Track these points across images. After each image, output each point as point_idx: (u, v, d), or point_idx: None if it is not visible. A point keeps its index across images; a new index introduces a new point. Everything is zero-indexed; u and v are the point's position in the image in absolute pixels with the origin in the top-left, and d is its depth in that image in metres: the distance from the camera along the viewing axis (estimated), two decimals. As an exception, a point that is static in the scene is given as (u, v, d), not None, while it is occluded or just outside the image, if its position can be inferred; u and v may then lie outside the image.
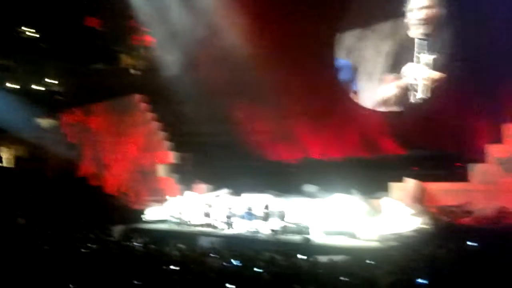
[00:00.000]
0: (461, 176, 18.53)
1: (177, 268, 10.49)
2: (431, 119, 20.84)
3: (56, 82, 36.46)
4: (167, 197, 24.09)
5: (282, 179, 24.35)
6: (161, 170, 28.13)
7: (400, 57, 23.57)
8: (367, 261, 10.60)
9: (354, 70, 25.04)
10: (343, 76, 25.46)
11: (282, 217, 18.50)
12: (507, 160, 17.19)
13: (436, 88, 22.04)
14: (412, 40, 23.05)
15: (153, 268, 10.36)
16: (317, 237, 17.09)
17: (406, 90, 23.12)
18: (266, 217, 18.90)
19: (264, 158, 26.87)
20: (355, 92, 24.81)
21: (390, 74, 23.74)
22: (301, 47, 25.32)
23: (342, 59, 25.36)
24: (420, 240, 14.59)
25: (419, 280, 6.09)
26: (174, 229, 22.15)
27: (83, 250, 13.52)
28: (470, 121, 19.54)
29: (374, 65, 24.47)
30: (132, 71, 33.50)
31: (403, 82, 23.20)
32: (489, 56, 19.07)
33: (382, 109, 23.95)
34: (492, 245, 11.07)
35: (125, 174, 30.61)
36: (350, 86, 25.10)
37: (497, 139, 17.71)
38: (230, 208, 20.48)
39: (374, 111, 24.47)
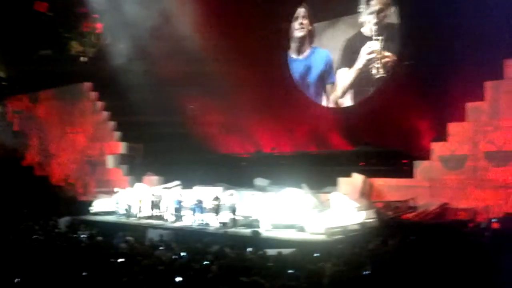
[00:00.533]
0: (406, 173, 19.09)
1: (125, 260, 10.40)
2: (379, 116, 21.38)
3: (2, 68, 35.14)
4: (115, 188, 23.72)
5: (233, 172, 24.45)
6: (110, 161, 27.64)
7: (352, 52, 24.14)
8: (314, 254, 10.81)
9: (329, 62, 24.96)
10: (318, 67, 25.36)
11: (232, 210, 18.55)
12: (449, 157, 17.80)
13: (384, 87, 22.64)
14: (365, 38, 23.60)
15: (101, 260, 10.23)
16: (267, 230, 17.26)
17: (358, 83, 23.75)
18: (216, 210, 18.91)
19: (215, 151, 26.90)
20: (333, 83, 24.68)
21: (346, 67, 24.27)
22: (255, 42, 25.46)
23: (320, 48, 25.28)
24: (365, 234, 14.99)
25: (363, 272, 6.30)
26: (123, 221, 21.89)
27: (27, 241, 13.18)
28: (415, 120, 20.18)
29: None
30: (82, 58, 32.68)
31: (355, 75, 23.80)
32: (435, 58, 19.74)
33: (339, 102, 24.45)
34: (434, 240, 11.48)
35: (72, 164, 29.96)
36: (327, 78, 24.95)
37: (441, 138, 18.31)
38: (180, 201, 20.38)
39: (324, 107, 24.90)
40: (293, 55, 25.90)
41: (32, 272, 8.74)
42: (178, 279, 8.47)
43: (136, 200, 22.13)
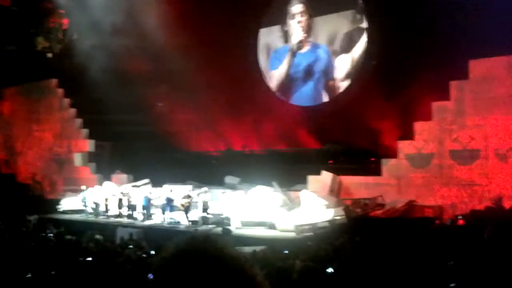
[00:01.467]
0: (374, 170, 19.38)
1: (93, 259, 10.30)
2: (347, 115, 21.65)
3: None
4: (83, 186, 23.42)
5: (204, 170, 24.43)
6: (78, 159, 27.22)
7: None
8: (284, 251, 10.91)
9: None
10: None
11: (203, 208, 18.56)
12: (415, 156, 18.13)
13: (352, 86, 22.94)
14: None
15: (68, 259, 10.11)
16: (237, 228, 17.32)
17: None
18: (186, 208, 18.88)
19: (186, 149, 26.81)
20: (333, 80, 24.44)
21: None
22: (225, 39, 25.44)
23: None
24: (334, 231, 15.18)
25: (329, 269, 6.40)
26: (91, 220, 21.65)
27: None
28: (383, 118, 20.50)
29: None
30: (48, 54, 32.06)
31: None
32: (401, 57, 20.09)
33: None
34: (401, 236, 11.71)
35: (39, 162, 29.42)
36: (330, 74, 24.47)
37: (408, 136, 18.62)
38: (149, 199, 20.27)
39: (294, 106, 25.07)
40: (292, 51, 25.34)
41: (1, 272, 8.58)
42: (150, 276, 8.44)
43: (104, 198, 21.91)
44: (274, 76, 25.83)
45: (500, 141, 16.45)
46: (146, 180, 23.09)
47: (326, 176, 19.42)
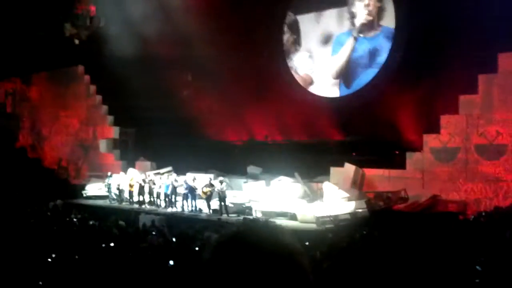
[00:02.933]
0: (398, 163, 19.19)
1: (116, 244, 10.45)
2: (372, 107, 21.42)
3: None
4: (108, 173, 23.72)
5: (226, 159, 24.50)
6: (103, 145, 27.57)
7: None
8: (305, 243, 10.91)
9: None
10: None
11: (224, 197, 18.63)
12: (441, 150, 17.90)
13: (377, 77, 22.64)
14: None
15: (92, 245, 10.28)
16: (258, 218, 17.35)
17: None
18: (208, 197, 18.97)
19: (209, 137, 26.89)
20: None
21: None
22: (251, 30, 25.36)
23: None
24: (356, 223, 15.11)
25: (352, 263, 6.38)
26: (115, 206, 21.94)
27: (20, 225, 13.18)
28: (409, 111, 20.23)
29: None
30: (75, 41, 32.40)
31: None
32: (428, 49, 19.78)
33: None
34: (424, 231, 11.60)
35: (65, 148, 29.88)
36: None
37: (434, 130, 18.38)
38: (173, 186, 20.41)
39: (317, 96, 24.90)
40: (357, 34, 24.41)
41: (24, 255, 8.76)
42: (170, 262, 8.55)
43: (128, 185, 22.16)
44: (334, 62, 24.46)
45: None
46: (169, 168, 23.26)
47: (349, 168, 19.29)
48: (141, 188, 21.57)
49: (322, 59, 24.96)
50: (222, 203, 18.46)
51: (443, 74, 18.69)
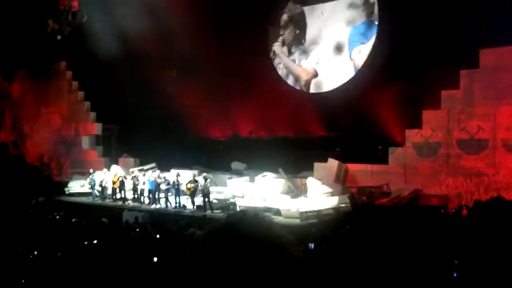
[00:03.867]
0: (381, 158, 19.33)
1: (99, 241, 10.40)
2: (355, 103, 21.53)
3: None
4: (90, 170, 23.55)
5: (211, 155, 24.47)
6: (85, 142, 27.34)
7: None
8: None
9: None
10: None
11: (208, 193, 18.62)
12: (423, 144, 18.06)
13: (360, 73, 22.77)
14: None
15: (75, 242, 10.22)
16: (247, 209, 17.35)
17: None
18: (192, 193, 18.95)
19: (193, 134, 26.84)
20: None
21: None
22: (235, 24, 25.28)
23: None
24: (339, 218, 15.21)
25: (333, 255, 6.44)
26: (97, 203, 21.80)
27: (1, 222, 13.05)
28: (391, 106, 20.37)
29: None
30: (58, 36, 32.05)
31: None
32: (412, 45, 19.92)
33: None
34: (407, 224, 11.72)
35: (47, 144, 29.59)
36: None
37: (416, 125, 18.53)
38: (157, 183, 20.34)
39: (301, 92, 24.97)
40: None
41: (6, 252, 8.69)
42: (154, 259, 8.54)
43: (111, 181, 22.04)
44: (362, 52, 23.65)
45: (508, 131, 16.34)
46: (153, 164, 23.17)
47: (332, 163, 19.40)
48: (122, 184, 21.45)
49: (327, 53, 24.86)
50: (206, 199, 18.44)
51: (426, 70, 18.83)
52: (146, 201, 20.68)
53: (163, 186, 19.98)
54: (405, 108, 19.87)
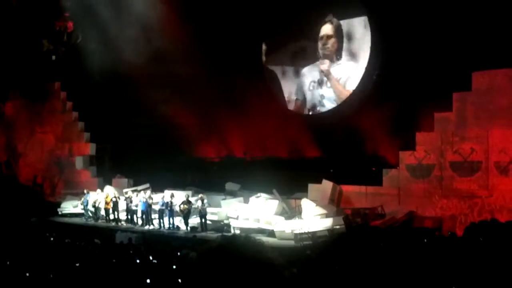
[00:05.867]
0: (375, 180, 19.34)
1: (91, 263, 10.31)
2: (350, 124, 21.64)
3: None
4: (84, 190, 23.41)
5: (204, 176, 24.42)
6: (79, 162, 27.23)
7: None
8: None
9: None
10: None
11: (205, 214, 18.53)
12: (416, 166, 18.11)
13: (355, 95, 22.94)
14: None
15: (66, 263, 10.12)
16: (238, 234, 17.28)
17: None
18: (186, 214, 18.85)
19: (187, 154, 26.81)
20: None
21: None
22: (230, 44, 25.50)
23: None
24: (333, 240, 15.14)
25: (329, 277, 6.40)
26: (90, 224, 21.65)
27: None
28: (385, 128, 20.48)
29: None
30: (53, 57, 32.14)
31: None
32: (405, 67, 20.14)
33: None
34: (401, 246, 11.70)
35: (40, 164, 29.44)
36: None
37: (410, 147, 18.61)
38: (149, 204, 20.24)
39: (296, 113, 25.09)
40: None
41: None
42: (147, 281, 8.47)
43: (104, 202, 21.90)
44: None
45: (501, 153, 16.43)
46: (147, 185, 23.06)
47: (326, 185, 19.38)
48: (116, 205, 21.32)
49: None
50: (203, 220, 18.38)
51: (419, 92, 19.00)
52: (140, 222, 20.55)
53: (157, 207, 19.87)
54: (399, 130, 19.99)
